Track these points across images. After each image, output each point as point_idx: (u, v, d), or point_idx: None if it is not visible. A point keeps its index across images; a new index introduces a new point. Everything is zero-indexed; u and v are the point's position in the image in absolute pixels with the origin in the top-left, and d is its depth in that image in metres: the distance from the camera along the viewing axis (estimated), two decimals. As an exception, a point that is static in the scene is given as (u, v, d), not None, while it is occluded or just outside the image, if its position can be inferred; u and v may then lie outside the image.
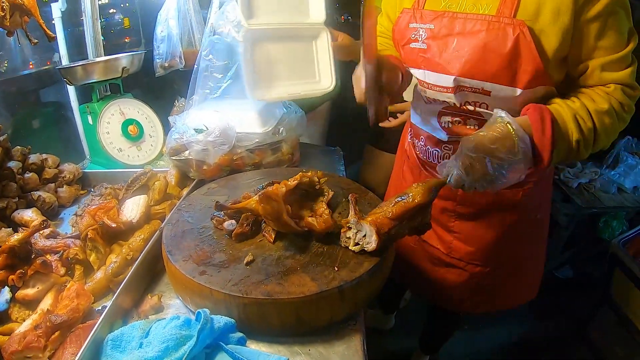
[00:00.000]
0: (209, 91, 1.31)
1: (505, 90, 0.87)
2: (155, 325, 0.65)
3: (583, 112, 0.81)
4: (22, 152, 1.19)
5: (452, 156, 0.82)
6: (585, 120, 0.81)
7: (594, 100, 0.83)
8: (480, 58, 0.84)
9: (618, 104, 0.84)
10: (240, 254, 0.82)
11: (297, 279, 0.76)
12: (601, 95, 0.84)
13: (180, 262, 0.80)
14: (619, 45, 0.82)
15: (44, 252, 0.88)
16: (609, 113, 0.82)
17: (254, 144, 1.22)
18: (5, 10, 0.89)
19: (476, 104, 0.93)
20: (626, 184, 2.01)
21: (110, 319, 0.71)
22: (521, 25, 0.79)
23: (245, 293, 0.72)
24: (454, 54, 0.87)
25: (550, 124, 0.77)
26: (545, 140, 0.77)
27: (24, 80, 1.57)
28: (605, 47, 0.82)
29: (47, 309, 0.74)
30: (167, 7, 1.51)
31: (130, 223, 0.93)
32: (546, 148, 0.78)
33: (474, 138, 0.77)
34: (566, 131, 0.80)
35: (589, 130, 0.81)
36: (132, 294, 0.80)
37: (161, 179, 1.11)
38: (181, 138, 1.15)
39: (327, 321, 0.77)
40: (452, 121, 0.99)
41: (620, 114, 0.84)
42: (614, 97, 0.84)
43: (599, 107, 0.82)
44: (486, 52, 0.83)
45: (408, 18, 0.93)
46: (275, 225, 0.85)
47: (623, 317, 1.73)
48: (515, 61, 0.82)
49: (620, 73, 0.84)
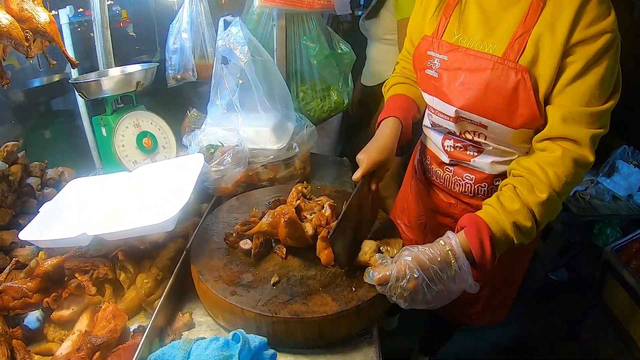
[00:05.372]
0: (222, 107, 1.34)
1: (500, 128, 0.90)
2: (196, 346, 0.69)
3: (522, 215, 0.80)
4: (40, 167, 1.20)
5: (393, 258, 0.82)
6: (524, 223, 0.80)
7: (534, 190, 0.81)
8: (482, 95, 0.87)
9: (559, 182, 0.80)
10: (266, 274, 0.88)
11: (319, 299, 0.82)
12: (542, 180, 0.80)
13: (211, 283, 0.84)
14: (592, 100, 0.79)
15: (72, 270, 0.91)
16: (549, 202, 0.80)
17: (268, 160, 1.26)
18: (29, 41, 0.91)
19: (474, 133, 0.97)
20: (621, 192, 2.07)
21: (149, 339, 0.75)
22: (523, 71, 0.82)
23: (275, 312, 0.78)
24: (459, 87, 0.91)
25: (489, 242, 0.79)
26: (486, 259, 0.80)
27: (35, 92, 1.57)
28: (574, 94, 0.80)
29: (84, 330, 0.78)
30: (179, 19, 1.52)
31: (155, 242, 0.96)
32: (487, 262, 0.80)
33: (415, 251, 0.79)
34: (506, 239, 0.81)
35: (530, 228, 0.81)
36: (165, 312, 0.84)
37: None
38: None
39: (345, 335, 0.84)
40: (453, 146, 1.03)
41: (563, 190, 0.81)
42: (559, 169, 0.80)
43: (539, 198, 0.80)
44: (488, 91, 0.86)
45: (427, 45, 0.97)
46: (295, 243, 0.92)
47: (613, 319, 1.82)
48: (514, 104, 0.85)
49: (582, 131, 0.79)
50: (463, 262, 0.78)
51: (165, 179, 1.12)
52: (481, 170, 1.01)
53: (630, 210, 2.07)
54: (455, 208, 1.11)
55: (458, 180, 1.06)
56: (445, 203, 1.13)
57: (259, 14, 1.55)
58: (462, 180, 1.05)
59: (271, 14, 1.54)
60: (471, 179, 1.03)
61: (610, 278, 1.81)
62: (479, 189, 1.04)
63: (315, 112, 1.65)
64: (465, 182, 1.05)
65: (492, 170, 0.99)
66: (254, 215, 0.99)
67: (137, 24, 1.99)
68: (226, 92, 1.33)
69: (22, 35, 0.92)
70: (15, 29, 0.90)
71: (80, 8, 1.61)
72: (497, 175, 1.00)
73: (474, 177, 1.03)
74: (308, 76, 1.62)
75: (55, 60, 1.09)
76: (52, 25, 1.01)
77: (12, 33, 0.90)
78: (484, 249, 0.79)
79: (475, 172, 1.02)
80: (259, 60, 1.32)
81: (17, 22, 0.92)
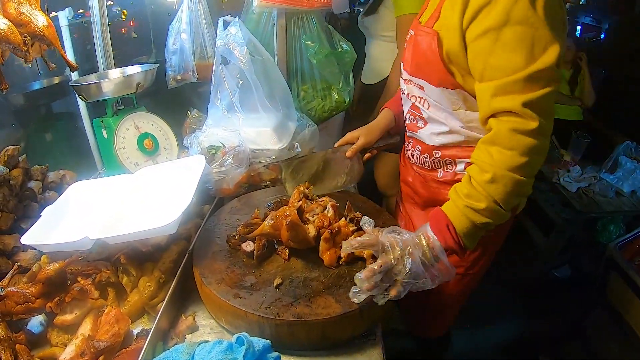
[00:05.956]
0: (223, 108, 1.33)
1: (428, 87, 0.96)
2: (200, 349, 0.69)
3: (474, 197, 0.81)
4: (41, 171, 1.20)
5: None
6: (477, 204, 0.81)
7: (480, 171, 0.82)
8: (415, 57, 0.98)
9: (503, 157, 0.79)
10: (269, 276, 0.87)
11: (322, 300, 0.81)
12: (484, 159, 0.81)
13: (214, 285, 0.84)
14: (515, 65, 0.76)
15: (75, 274, 0.91)
16: (496, 179, 0.79)
17: (270, 160, 1.25)
18: (28, 45, 0.90)
19: (419, 99, 1.02)
20: (624, 188, 2.06)
21: (152, 342, 0.75)
22: (434, 34, 0.89)
23: (278, 315, 0.78)
24: (407, 54, 1.03)
25: (446, 229, 0.82)
26: (450, 245, 0.82)
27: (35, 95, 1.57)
28: (494, 66, 0.79)
29: (88, 334, 0.78)
30: (178, 20, 1.52)
31: (158, 245, 0.96)
32: (455, 247, 0.83)
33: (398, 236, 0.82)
34: (467, 222, 0.82)
35: (486, 208, 0.81)
36: (168, 315, 0.84)
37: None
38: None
39: (348, 336, 0.84)
40: (410, 118, 1.10)
41: (512, 163, 0.78)
42: (501, 145, 0.80)
43: (484, 177, 0.81)
44: (416, 54, 0.97)
45: (413, 25, 1.05)
46: (297, 245, 0.92)
47: (617, 316, 1.81)
48: (431, 64, 0.92)
49: (513, 99, 0.77)
50: (439, 251, 0.81)
51: (166, 181, 1.12)
52: (423, 141, 1.07)
53: (634, 207, 2.06)
54: (415, 179, 1.17)
55: (412, 151, 1.13)
56: (411, 175, 1.20)
57: (258, 13, 1.54)
58: (414, 151, 1.12)
59: (271, 13, 1.53)
60: (419, 150, 1.09)
61: (614, 275, 1.80)
62: (424, 160, 1.10)
63: (316, 112, 1.64)
64: (416, 153, 1.11)
65: (430, 141, 1.04)
66: (256, 216, 0.98)
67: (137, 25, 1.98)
68: (226, 92, 1.33)
69: (20, 39, 0.91)
70: (13, 33, 0.90)
71: (80, 9, 1.60)
72: (436, 147, 1.04)
73: (420, 148, 1.08)
74: (309, 75, 1.61)
75: (55, 63, 1.09)
76: (50, 29, 1.01)
77: (10, 37, 0.89)
78: (444, 236, 0.82)
79: (421, 143, 1.08)
80: (259, 60, 1.32)
81: (14, 26, 0.91)
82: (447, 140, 1.01)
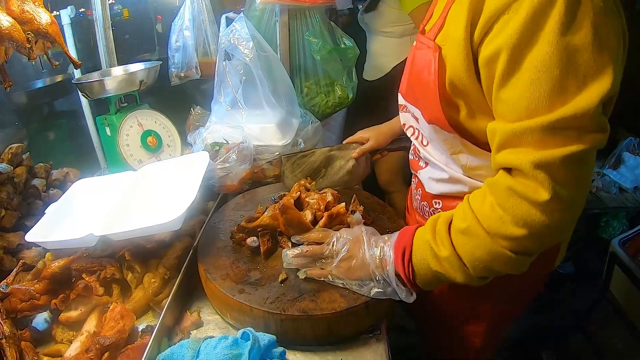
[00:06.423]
0: (226, 104, 1.33)
1: (423, 122, 0.75)
2: (205, 345, 0.69)
3: (439, 239, 0.67)
4: (45, 168, 1.20)
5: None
6: (438, 248, 0.66)
7: (463, 214, 0.64)
8: (410, 77, 0.75)
9: (492, 213, 0.59)
10: (274, 272, 0.87)
11: (327, 295, 0.81)
12: (474, 203, 0.63)
13: (219, 281, 0.84)
14: (534, 106, 0.52)
15: (80, 271, 0.91)
16: (469, 233, 0.62)
17: (274, 157, 1.25)
18: (31, 42, 0.90)
19: (416, 132, 0.83)
20: (627, 184, 2.06)
21: (157, 338, 0.75)
22: (435, 49, 0.66)
23: (283, 310, 0.78)
24: (405, 71, 0.82)
25: (401, 255, 0.71)
26: (399, 269, 0.72)
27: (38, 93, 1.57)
28: (507, 103, 0.56)
29: (93, 330, 0.78)
30: (181, 17, 1.51)
31: (162, 241, 0.96)
32: (402, 277, 0.72)
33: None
34: (422, 262, 0.69)
35: (445, 258, 0.66)
36: (173, 311, 0.84)
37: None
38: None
39: (353, 331, 0.84)
40: (413, 153, 0.93)
41: (495, 226, 0.58)
42: (492, 198, 0.59)
43: (459, 225, 0.64)
44: (413, 73, 0.74)
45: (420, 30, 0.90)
46: (295, 231, 0.90)
47: (620, 311, 1.81)
48: (425, 88, 0.68)
49: (519, 155, 0.54)
50: (390, 271, 0.72)
51: (170, 178, 1.12)
52: (424, 185, 0.86)
53: (637, 202, 2.05)
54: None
55: (415, 193, 0.95)
56: (413, 223, 0.99)
57: (261, 10, 1.54)
58: (417, 194, 0.93)
59: (273, 10, 1.53)
60: (420, 194, 0.91)
61: (617, 270, 1.80)
62: (424, 209, 0.89)
63: (319, 108, 1.64)
64: (417, 197, 0.92)
65: (429, 188, 0.83)
66: (259, 212, 0.98)
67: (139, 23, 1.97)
68: (229, 89, 1.33)
69: (23, 37, 0.91)
70: (17, 30, 0.90)
71: (82, 8, 1.60)
72: (435, 197, 0.83)
73: (421, 192, 0.90)
74: (312, 72, 1.61)
75: (58, 60, 1.09)
76: (54, 26, 1.01)
77: (14, 35, 0.89)
78: (397, 259, 0.71)
79: (421, 187, 0.88)
80: (263, 56, 1.31)
81: (18, 24, 0.91)
82: (447, 189, 0.79)
